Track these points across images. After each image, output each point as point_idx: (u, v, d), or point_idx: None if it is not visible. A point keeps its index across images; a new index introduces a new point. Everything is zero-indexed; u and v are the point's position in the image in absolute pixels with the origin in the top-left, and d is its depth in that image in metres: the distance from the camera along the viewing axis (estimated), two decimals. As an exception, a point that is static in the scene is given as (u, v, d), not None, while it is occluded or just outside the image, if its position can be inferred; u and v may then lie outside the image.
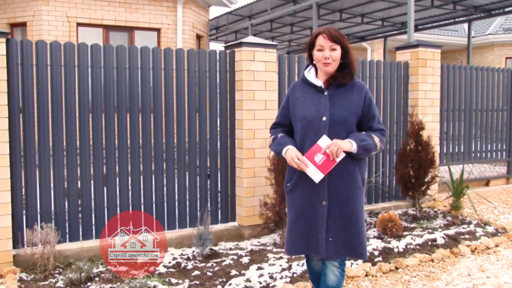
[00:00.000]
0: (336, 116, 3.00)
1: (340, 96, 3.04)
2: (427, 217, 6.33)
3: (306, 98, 3.10)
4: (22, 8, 10.69)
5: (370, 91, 3.13)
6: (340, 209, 3.02)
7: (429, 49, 7.01)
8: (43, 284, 4.23)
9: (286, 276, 4.30)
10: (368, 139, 3.00)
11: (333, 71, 3.05)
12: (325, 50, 2.98)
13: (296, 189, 3.11)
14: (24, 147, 4.73)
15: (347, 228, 3.03)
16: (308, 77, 3.15)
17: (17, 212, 4.66)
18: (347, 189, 3.02)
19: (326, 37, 2.97)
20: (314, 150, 2.93)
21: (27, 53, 4.68)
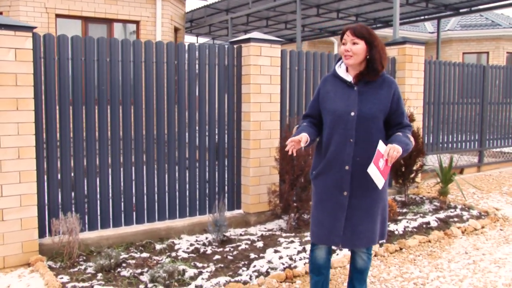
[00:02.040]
0: (364, 112, 3.09)
1: (370, 92, 3.13)
2: (414, 203, 6.80)
3: (336, 93, 3.20)
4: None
5: (399, 87, 3.30)
6: (361, 200, 3.13)
7: (414, 46, 7.46)
8: (74, 270, 4.40)
9: (304, 258, 4.63)
10: (408, 142, 3.11)
11: (355, 64, 3.12)
12: (347, 44, 3.09)
13: (320, 177, 3.24)
14: (47, 139, 4.85)
15: (363, 219, 3.14)
16: (338, 71, 3.25)
17: (40, 203, 4.79)
18: (370, 181, 3.07)
19: (350, 32, 3.09)
20: (378, 156, 2.93)
21: (49, 47, 4.80)
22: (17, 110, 4.48)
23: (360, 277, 3.43)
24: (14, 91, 4.45)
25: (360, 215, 3.14)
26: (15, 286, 4.07)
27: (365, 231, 3.16)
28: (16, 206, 4.52)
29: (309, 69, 6.52)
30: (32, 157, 4.59)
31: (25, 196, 4.56)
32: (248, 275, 4.24)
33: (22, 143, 4.52)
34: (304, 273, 4.33)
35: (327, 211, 3.19)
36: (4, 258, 4.48)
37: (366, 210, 3.15)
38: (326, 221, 3.19)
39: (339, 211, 3.15)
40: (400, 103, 3.20)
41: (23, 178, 4.55)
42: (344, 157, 3.12)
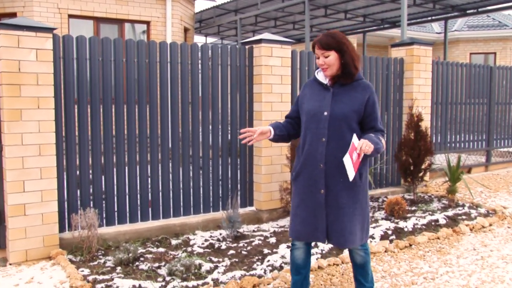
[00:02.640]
0: (336, 112, 3.21)
1: (344, 94, 3.27)
2: (423, 201, 6.91)
3: (313, 94, 3.36)
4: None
5: (375, 92, 3.37)
6: (335, 199, 3.23)
7: (422, 47, 7.57)
8: (93, 264, 4.54)
9: (317, 253, 4.76)
10: (379, 142, 3.20)
11: (332, 73, 3.26)
12: (320, 58, 3.24)
13: (299, 177, 3.36)
14: (66, 136, 5.00)
15: (341, 218, 3.23)
16: (317, 76, 3.39)
17: (60, 198, 4.94)
18: (343, 180, 3.20)
19: (318, 46, 3.24)
20: (352, 148, 3.07)
21: (68, 47, 4.95)
22: (38, 109, 4.64)
23: (362, 271, 3.52)
24: (35, 90, 4.61)
25: (337, 214, 3.23)
26: (38, 278, 4.22)
27: (342, 230, 3.23)
28: (38, 201, 4.67)
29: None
30: (53, 154, 4.74)
31: (46, 191, 4.71)
32: (262, 269, 4.37)
33: (42, 141, 4.67)
34: (317, 267, 4.46)
35: (309, 210, 3.29)
36: (27, 252, 4.64)
37: (343, 209, 3.23)
38: (310, 219, 3.29)
39: (318, 209, 3.26)
40: (375, 108, 3.29)
41: (44, 174, 4.70)
42: (317, 156, 3.24)
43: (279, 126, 3.47)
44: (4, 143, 4.53)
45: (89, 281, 4.09)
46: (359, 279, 3.56)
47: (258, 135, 3.34)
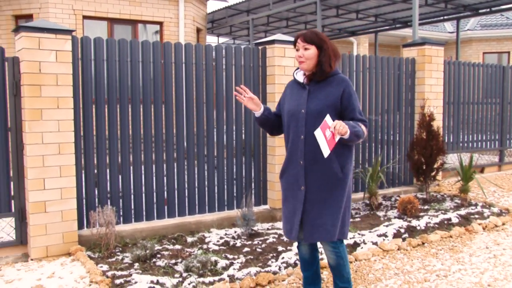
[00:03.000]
0: (311, 109, 3.29)
1: (319, 90, 3.33)
2: (435, 200, 6.95)
3: (292, 94, 3.45)
4: (28, 1, 10.83)
5: (351, 85, 3.38)
6: (316, 194, 3.28)
7: (434, 47, 7.60)
8: (111, 260, 4.65)
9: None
10: (357, 126, 3.22)
11: (309, 68, 3.34)
12: (300, 50, 3.32)
13: (284, 175, 3.46)
14: (84, 135, 5.11)
15: (321, 212, 3.26)
16: (296, 76, 3.48)
17: (78, 196, 5.05)
18: (323, 175, 3.27)
19: (301, 38, 3.32)
20: (324, 125, 3.11)
21: (86, 49, 5.06)
22: (58, 108, 4.75)
23: (337, 273, 3.50)
24: (55, 91, 4.72)
25: (319, 208, 3.28)
26: (59, 273, 4.33)
27: (323, 224, 3.26)
28: (57, 198, 4.79)
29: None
30: (72, 153, 4.86)
31: (65, 189, 4.83)
32: (277, 266, 4.45)
33: (62, 139, 4.79)
34: (330, 264, 4.53)
35: (289, 207, 3.39)
36: (47, 248, 4.76)
37: (324, 204, 3.27)
38: (289, 216, 3.39)
39: (297, 206, 3.33)
40: (352, 100, 3.32)
41: (63, 172, 4.81)
42: (298, 153, 3.33)
43: (269, 110, 3.56)
44: (25, 142, 4.66)
45: (108, 277, 4.19)
46: (334, 280, 3.55)
47: (248, 99, 3.45)
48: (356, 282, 4.20)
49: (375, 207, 6.55)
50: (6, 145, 4.79)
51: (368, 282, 4.21)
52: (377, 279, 4.27)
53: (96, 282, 4.06)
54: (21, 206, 4.85)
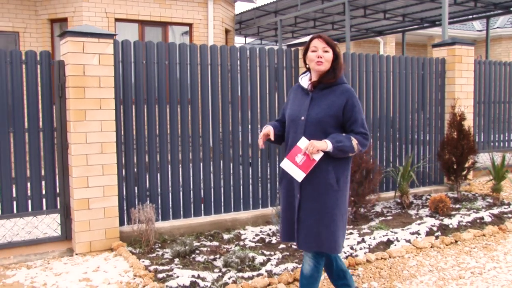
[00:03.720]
0: (312, 117, 3.20)
1: (322, 98, 3.24)
2: (466, 199, 6.98)
3: (295, 100, 3.37)
4: (63, 4, 11.14)
5: (356, 96, 3.29)
6: (311, 204, 3.21)
7: (464, 46, 7.62)
8: (152, 256, 4.82)
9: (364, 247, 4.92)
10: (345, 140, 3.13)
11: (325, 70, 3.23)
12: (319, 50, 3.20)
13: (282, 183, 3.40)
14: (124, 135, 5.31)
15: (317, 223, 3.19)
16: (300, 81, 3.41)
17: (119, 194, 5.24)
18: (319, 185, 3.18)
19: (321, 39, 3.23)
20: (295, 151, 3.11)
21: (126, 52, 5.25)
22: (100, 109, 4.95)
23: (305, 282, 3.37)
24: (98, 92, 4.92)
25: (313, 219, 3.21)
26: (103, 267, 4.52)
27: (316, 235, 3.21)
28: (100, 196, 4.99)
29: (359, 70, 6.79)
30: (113, 152, 5.05)
31: (107, 187, 5.03)
32: (313, 262, 4.56)
33: (104, 139, 4.99)
34: (365, 261, 4.63)
35: (286, 214, 3.36)
36: (91, 243, 4.96)
37: (319, 214, 3.20)
38: (285, 223, 3.38)
39: (292, 213, 3.31)
40: (354, 111, 3.23)
41: (106, 170, 5.01)
42: None
43: (275, 125, 3.46)
44: (70, 142, 4.86)
45: (151, 271, 4.36)
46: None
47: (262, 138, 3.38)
48: (391, 278, 4.29)
49: (406, 205, 6.61)
50: (52, 145, 5.00)
51: (403, 278, 4.29)
52: (411, 275, 4.36)
53: (140, 276, 4.24)
54: (66, 203, 5.06)
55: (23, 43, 11.34)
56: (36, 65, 4.87)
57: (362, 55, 6.83)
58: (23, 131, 4.88)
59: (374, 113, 6.97)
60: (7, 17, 11.22)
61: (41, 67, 4.90)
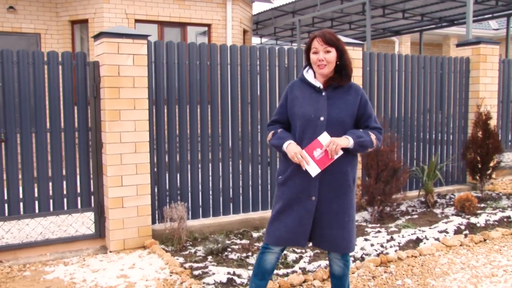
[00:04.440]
0: (333, 117, 3.10)
1: (338, 98, 3.14)
2: (490, 198, 7.00)
3: (305, 98, 3.18)
4: (84, 6, 11.28)
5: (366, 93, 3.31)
6: (329, 205, 3.12)
7: (489, 46, 7.63)
8: (185, 253, 4.91)
9: (394, 245, 4.97)
10: (364, 136, 3.11)
11: (328, 73, 3.12)
12: (320, 53, 3.07)
13: (287, 183, 3.20)
14: (156, 135, 5.39)
15: (333, 224, 3.13)
16: (307, 77, 3.23)
17: (151, 192, 5.32)
18: (338, 187, 3.12)
19: (320, 40, 3.07)
20: (314, 145, 3.03)
21: (159, 52, 5.34)
22: (134, 109, 5.04)
23: (338, 283, 3.37)
24: (132, 92, 5.01)
25: (330, 220, 3.14)
26: (139, 264, 4.61)
27: (333, 236, 3.15)
28: (133, 194, 5.08)
29: (382, 70, 6.84)
30: (146, 151, 5.14)
31: (141, 186, 5.12)
32: (345, 259, 4.62)
33: (138, 139, 5.08)
34: (397, 258, 4.68)
35: (293, 216, 3.17)
36: (124, 241, 5.05)
37: (335, 215, 3.14)
38: (293, 225, 3.16)
39: (306, 216, 3.14)
40: (367, 108, 3.21)
41: (139, 170, 5.10)
42: None
43: (292, 136, 3.24)
44: (105, 141, 4.96)
45: (186, 268, 4.44)
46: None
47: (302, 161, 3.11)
48: (424, 275, 4.34)
49: (431, 204, 6.64)
50: (87, 144, 5.11)
51: (436, 275, 4.34)
52: (444, 273, 4.40)
53: (177, 273, 4.32)
54: (100, 201, 5.15)
55: (44, 45, 11.50)
56: (72, 66, 4.97)
57: (388, 55, 6.87)
58: (59, 131, 4.98)
59: (399, 113, 7.00)
60: (29, 19, 11.39)
61: (76, 68, 5.00)
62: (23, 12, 11.32)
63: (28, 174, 4.88)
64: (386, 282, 4.21)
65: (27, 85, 4.82)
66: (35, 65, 4.83)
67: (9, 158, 4.78)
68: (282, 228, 3.18)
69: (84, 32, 11.56)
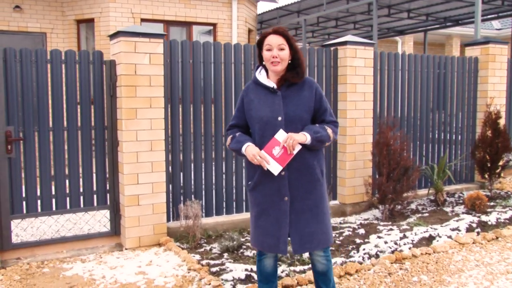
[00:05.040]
0: (290, 115, 3.09)
1: (293, 95, 3.13)
2: (499, 197, 7.05)
3: (260, 100, 3.17)
4: (90, 5, 11.31)
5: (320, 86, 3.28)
6: (302, 202, 3.11)
7: (497, 45, 7.68)
8: (200, 251, 4.95)
9: (407, 243, 5.02)
10: (321, 131, 3.09)
11: (282, 70, 3.12)
12: (273, 50, 3.05)
13: (258, 187, 3.19)
14: (171, 133, 5.44)
15: (309, 221, 3.12)
16: (259, 78, 3.21)
17: (166, 190, 5.37)
18: (307, 182, 3.11)
19: (276, 35, 3.06)
20: (272, 144, 3.03)
21: (174, 51, 5.38)
22: (150, 108, 5.08)
23: (324, 278, 3.35)
24: (149, 91, 5.05)
25: (306, 218, 3.13)
26: (156, 261, 4.65)
27: (314, 233, 3.13)
28: (149, 192, 5.12)
29: (398, 70, 6.89)
30: (162, 149, 5.18)
31: (156, 184, 5.16)
32: (360, 256, 4.67)
33: (154, 137, 5.12)
34: (411, 255, 4.72)
35: (271, 220, 3.16)
36: (140, 238, 5.10)
37: (311, 212, 3.13)
38: (272, 230, 3.15)
39: (282, 218, 3.13)
40: (323, 101, 3.21)
41: (155, 168, 5.14)
42: None
43: (250, 139, 3.23)
44: (122, 139, 5.00)
45: (203, 265, 4.48)
46: (320, 286, 3.41)
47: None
48: (439, 272, 4.38)
49: (441, 203, 6.68)
50: (103, 143, 5.14)
51: (451, 272, 4.39)
52: (459, 269, 4.45)
53: (195, 270, 4.37)
54: (115, 199, 5.20)
55: (50, 44, 11.53)
56: (89, 65, 5.01)
57: (398, 54, 6.91)
58: (76, 129, 5.02)
59: (408, 112, 7.05)
60: (35, 18, 11.42)
61: (93, 66, 5.04)
62: (29, 11, 11.35)
63: (45, 172, 4.92)
64: (402, 278, 4.26)
65: (45, 84, 4.85)
66: (53, 64, 4.87)
67: (27, 156, 4.82)
68: (262, 234, 3.19)
69: (89, 31, 11.60)
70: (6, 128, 4.63)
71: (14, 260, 4.73)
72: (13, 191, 4.76)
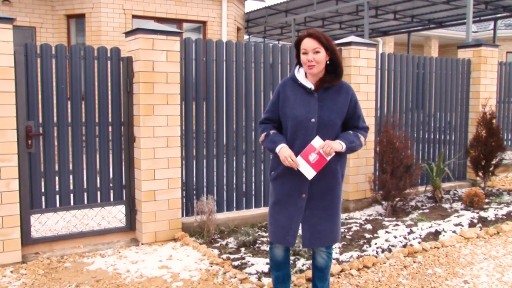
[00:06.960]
0: (324, 119, 3.16)
1: (328, 99, 3.19)
2: (492, 194, 7.34)
3: (297, 98, 3.22)
4: (81, 1, 11.23)
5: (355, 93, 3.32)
6: (319, 202, 3.23)
7: (489, 48, 7.98)
8: (216, 245, 5.05)
9: (416, 238, 5.22)
10: (356, 140, 3.21)
11: (318, 72, 3.17)
12: (309, 53, 3.10)
13: (279, 179, 3.29)
14: (185, 130, 5.51)
15: (322, 219, 3.24)
16: (298, 77, 3.26)
17: (181, 186, 5.44)
18: (328, 184, 3.22)
19: (311, 39, 3.10)
20: (309, 150, 3.12)
21: (188, 49, 5.46)
22: (167, 104, 5.15)
23: (321, 275, 3.46)
24: (165, 88, 5.12)
25: (319, 215, 3.24)
26: (176, 256, 4.73)
27: (324, 231, 3.25)
28: (165, 188, 5.19)
29: (397, 70, 7.10)
30: (178, 146, 5.25)
31: (172, 179, 5.23)
32: (374, 250, 4.84)
33: (170, 133, 5.19)
34: (422, 249, 4.92)
35: (284, 213, 3.27)
36: (156, 233, 5.16)
37: (325, 211, 3.25)
38: (284, 222, 3.27)
39: (296, 214, 3.24)
40: (357, 108, 3.29)
41: (170, 164, 5.21)
42: None
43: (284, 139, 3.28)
44: (139, 135, 5.05)
45: (225, 259, 4.59)
46: (315, 283, 3.51)
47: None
48: (451, 265, 4.58)
49: (439, 199, 6.92)
50: (120, 138, 5.19)
51: (462, 265, 4.60)
52: (469, 262, 4.66)
53: (217, 264, 4.46)
54: (131, 194, 5.25)
55: (40, 38, 11.42)
56: (107, 61, 5.05)
57: (397, 55, 7.12)
58: (94, 125, 5.05)
59: (406, 112, 7.27)
60: (24, 12, 11.29)
61: (111, 62, 5.08)
62: (18, 5, 11.22)
63: (64, 168, 4.94)
64: (417, 271, 4.45)
65: (64, 79, 4.87)
66: (72, 60, 4.89)
67: (47, 151, 4.83)
68: (277, 226, 3.30)
69: (79, 26, 11.51)
70: (27, 122, 4.64)
71: (33, 254, 4.75)
72: (33, 186, 4.77)
